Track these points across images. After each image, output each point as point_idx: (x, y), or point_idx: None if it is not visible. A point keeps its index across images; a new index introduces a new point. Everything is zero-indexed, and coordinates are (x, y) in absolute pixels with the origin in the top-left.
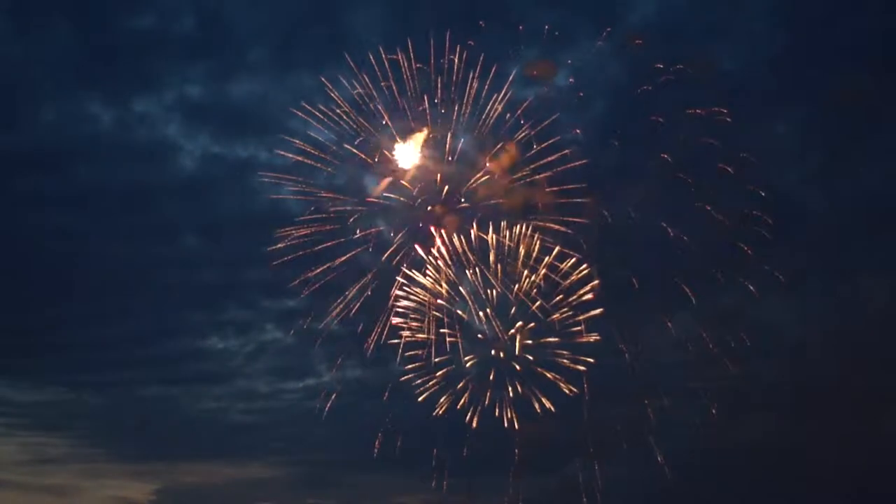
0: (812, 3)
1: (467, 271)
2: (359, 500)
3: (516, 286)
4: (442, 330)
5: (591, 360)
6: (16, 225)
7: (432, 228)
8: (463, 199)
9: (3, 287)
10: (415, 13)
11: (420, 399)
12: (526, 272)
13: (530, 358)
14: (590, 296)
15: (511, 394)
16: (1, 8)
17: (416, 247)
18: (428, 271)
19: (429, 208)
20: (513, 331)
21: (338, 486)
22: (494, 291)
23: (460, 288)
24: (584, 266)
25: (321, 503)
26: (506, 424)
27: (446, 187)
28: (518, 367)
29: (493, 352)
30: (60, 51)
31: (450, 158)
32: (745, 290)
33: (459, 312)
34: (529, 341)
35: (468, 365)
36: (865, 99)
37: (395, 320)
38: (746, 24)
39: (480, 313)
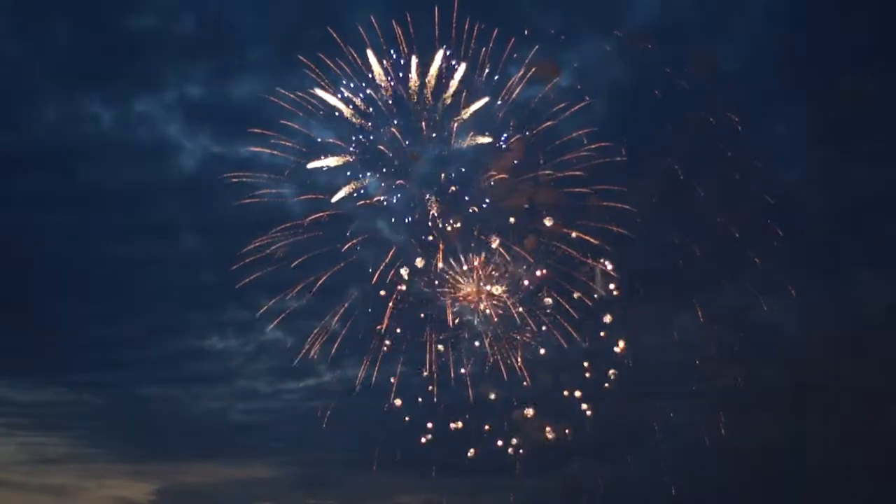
0: (812, 3)
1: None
2: (359, 500)
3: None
4: (442, 335)
5: (593, 363)
6: (16, 225)
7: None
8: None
9: (4, 287)
10: (416, 13)
11: (419, 400)
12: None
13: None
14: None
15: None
16: (1, 8)
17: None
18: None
19: (431, 212)
20: (514, 333)
21: (338, 486)
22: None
23: (459, 288)
24: (588, 268)
25: (321, 503)
26: (506, 427)
27: (452, 188)
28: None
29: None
30: (60, 51)
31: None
32: (746, 291)
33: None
34: (533, 344)
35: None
36: (865, 99)
37: (394, 324)
38: (747, 25)
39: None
